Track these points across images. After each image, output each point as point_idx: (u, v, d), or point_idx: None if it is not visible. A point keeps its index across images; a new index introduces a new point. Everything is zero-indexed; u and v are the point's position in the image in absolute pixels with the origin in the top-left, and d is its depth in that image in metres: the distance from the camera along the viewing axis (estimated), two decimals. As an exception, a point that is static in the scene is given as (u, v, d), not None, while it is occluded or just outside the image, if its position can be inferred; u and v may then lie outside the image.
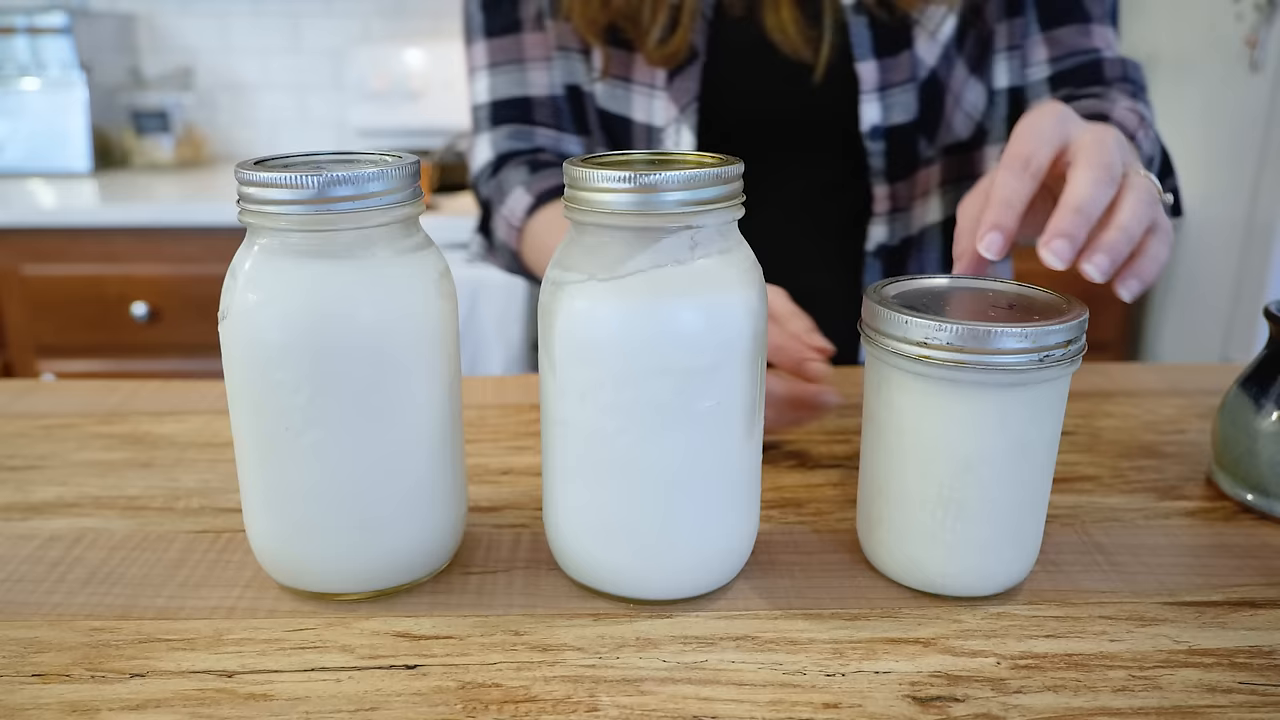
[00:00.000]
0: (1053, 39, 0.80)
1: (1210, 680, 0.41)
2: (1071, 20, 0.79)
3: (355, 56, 2.20)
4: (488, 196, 0.87)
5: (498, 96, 0.85)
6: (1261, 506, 0.55)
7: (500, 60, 0.85)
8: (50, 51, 2.02)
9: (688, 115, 0.79)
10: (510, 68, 0.85)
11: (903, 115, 0.79)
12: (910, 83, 0.78)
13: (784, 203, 0.85)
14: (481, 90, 0.86)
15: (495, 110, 0.86)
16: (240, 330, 0.43)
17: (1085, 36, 0.79)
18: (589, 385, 0.43)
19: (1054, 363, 0.42)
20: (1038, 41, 0.80)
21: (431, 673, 0.41)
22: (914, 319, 0.42)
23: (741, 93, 0.80)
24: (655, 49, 0.78)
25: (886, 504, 0.47)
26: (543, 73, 0.84)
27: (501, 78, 0.85)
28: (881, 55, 0.77)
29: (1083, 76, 0.79)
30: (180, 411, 0.70)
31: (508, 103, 0.85)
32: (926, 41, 0.78)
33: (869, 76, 0.77)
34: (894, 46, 0.77)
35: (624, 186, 0.40)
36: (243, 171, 0.42)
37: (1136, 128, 0.70)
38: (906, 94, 0.79)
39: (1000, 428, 0.43)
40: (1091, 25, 0.79)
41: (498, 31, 0.84)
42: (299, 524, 0.45)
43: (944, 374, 0.42)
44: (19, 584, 0.48)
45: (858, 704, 0.39)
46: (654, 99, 0.80)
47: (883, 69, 0.78)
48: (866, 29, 0.77)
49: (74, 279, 1.80)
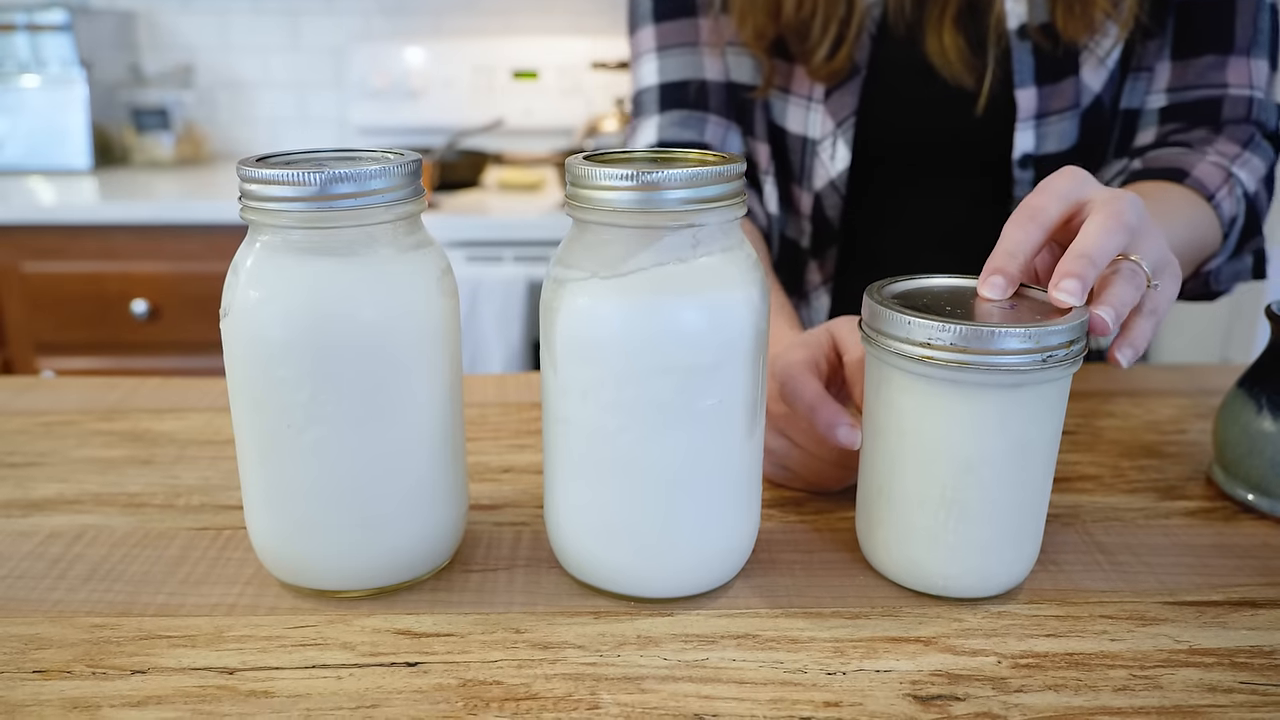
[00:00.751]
0: (1180, 67, 0.74)
1: (1211, 680, 0.41)
2: (1208, 50, 0.73)
3: (356, 54, 2.19)
4: None
5: (669, 79, 0.80)
6: (1262, 506, 0.55)
7: (672, 43, 0.81)
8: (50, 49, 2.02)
9: (844, 130, 0.78)
10: (683, 50, 0.80)
11: (1058, 144, 0.76)
12: (1072, 110, 0.75)
13: (927, 224, 0.83)
14: (649, 73, 0.82)
15: (665, 93, 0.81)
16: (242, 327, 0.43)
17: (1219, 69, 0.73)
18: (590, 383, 0.43)
19: (1056, 363, 0.42)
20: (1164, 68, 0.75)
21: (432, 670, 0.41)
22: (917, 319, 0.42)
23: (899, 111, 0.78)
24: (821, 65, 0.75)
25: (887, 505, 0.47)
26: (717, 60, 0.80)
27: (673, 60, 0.80)
28: (1043, 83, 0.74)
29: (1196, 114, 0.74)
30: (181, 409, 0.70)
31: (680, 85, 0.80)
32: (1094, 67, 0.74)
33: (1026, 104, 0.75)
34: (1057, 74, 0.74)
35: (626, 184, 0.40)
36: (245, 168, 0.42)
37: (1218, 187, 0.66)
38: (1065, 122, 0.75)
39: (1002, 428, 0.43)
40: (1230, 57, 0.73)
41: (670, 15, 0.80)
42: (300, 521, 0.45)
43: (946, 375, 0.42)
44: (20, 581, 0.48)
45: (858, 703, 0.39)
46: (811, 111, 0.79)
47: (1042, 96, 0.74)
48: (1029, 55, 0.73)
49: (74, 276, 1.80)
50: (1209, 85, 0.73)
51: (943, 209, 0.83)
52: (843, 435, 0.49)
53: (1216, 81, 0.73)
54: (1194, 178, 0.66)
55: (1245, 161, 0.71)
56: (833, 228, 0.82)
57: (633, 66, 0.85)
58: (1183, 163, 0.67)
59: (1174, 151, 0.70)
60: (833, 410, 0.50)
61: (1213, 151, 0.70)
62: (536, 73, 2.19)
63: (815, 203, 0.82)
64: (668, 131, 0.80)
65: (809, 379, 0.52)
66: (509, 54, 2.19)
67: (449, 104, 2.19)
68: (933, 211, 0.83)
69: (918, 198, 0.83)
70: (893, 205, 0.83)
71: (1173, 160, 0.68)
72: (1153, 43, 0.75)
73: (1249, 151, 0.72)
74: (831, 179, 0.79)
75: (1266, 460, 0.54)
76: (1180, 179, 0.66)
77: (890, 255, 0.83)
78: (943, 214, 0.83)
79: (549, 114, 2.20)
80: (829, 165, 0.79)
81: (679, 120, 0.80)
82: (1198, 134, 0.73)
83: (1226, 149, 0.71)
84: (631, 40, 0.84)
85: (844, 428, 0.49)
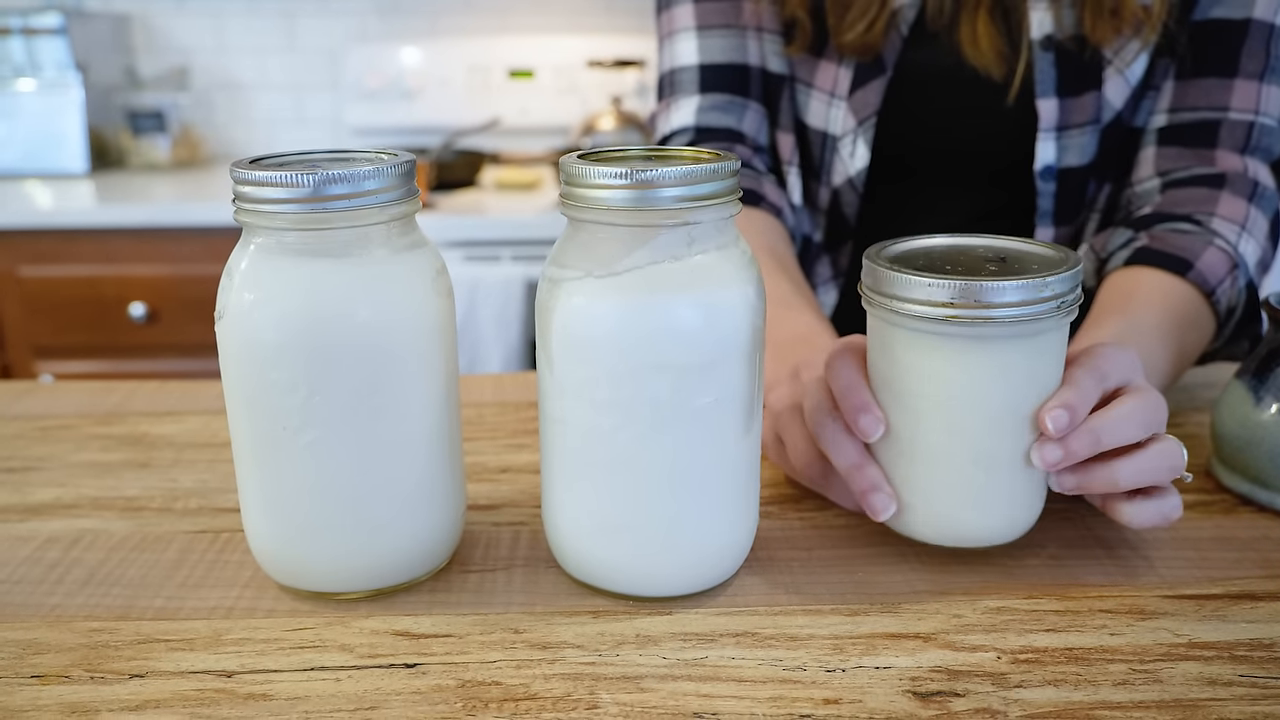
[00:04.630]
0: (1182, 88, 0.73)
1: (1211, 673, 0.41)
2: (1213, 72, 0.72)
3: (351, 55, 2.19)
4: None
5: (710, 60, 0.77)
6: (1261, 499, 0.55)
7: (715, 23, 0.77)
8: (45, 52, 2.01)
9: (865, 129, 0.77)
10: (726, 32, 0.77)
11: (1079, 158, 0.75)
12: (1093, 125, 0.74)
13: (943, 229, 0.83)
14: (688, 51, 0.78)
15: (706, 74, 0.77)
16: (237, 330, 0.43)
17: (1222, 92, 0.72)
18: (587, 382, 0.43)
19: (1067, 308, 0.44)
20: (1168, 88, 0.74)
21: (431, 671, 0.41)
22: (938, 281, 0.43)
23: (921, 115, 0.78)
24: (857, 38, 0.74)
25: (911, 466, 0.47)
26: (757, 44, 0.78)
27: (716, 41, 0.77)
28: (1064, 94, 0.74)
29: (1194, 136, 0.72)
30: (178, 412, 0.70)
31: (723, 68, 0.77)
32: (1116, 82, 0.74)
33: (1048, 115, 0.74)
34: (1079, 86, 0.74)
35: (620, 182, 0.40)
36: (238, 170, 0.42)
37: (1220, 280, 0.65)
38: (1086, 136, 0.75)
39: (1028, 378, 0.45)
40: (1235, 80, 0.71)
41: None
42: (297, 524, 0.45)
43: (971, 331, 0.43)
44: (17, 585, 0.48)
45: (858, 699, 0.39)
46: (833, 107, 0.78)
47: (1064, 109, 0.74)
48: (1052, 67, 0.73)
49: (71, 280, 1.79)
50: (1209, 107, 0.72)
51: (959, 214, 0.83)
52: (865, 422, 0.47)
53: (1218, 104, 0.72)
54: (1198, 271, 0.65)
55: (1252, 226, 0.69)
56: (849, 225, 0.82)
57: (664, 45, 0.82)
58: (1188, 251, 0.66)
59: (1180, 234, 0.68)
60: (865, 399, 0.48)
61: (1219, 221, 0.68)
62: (532, 72, 2.19)
63: (832, 199, 0.82)
64: (706, 115, 0.78)
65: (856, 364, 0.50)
66: (505, 53, 2.19)
67: (445, 104, 2.19)
68: (949, 216, 0.83)
69: (936, 201, 0.83)
70: (910, 207, 0.83)
71: (1178, 247, 0.66)
72: (1164, 62, 0.74)
73: (1253, 207, 0.70)
74: (850, 177, 0.79)
75: (1265, 452, 0.54)
76: (1184, 271, 0.65)
77: None
78: (959, 219, 0.82)
79: (545, 113, 2.19)
80: (848, 163, 0.79)
81: (720, 104, 0.78)
82: (1199, 194, 0.70)
83: (1231, 211, 0.69)
84: (663, 17, 0.81)
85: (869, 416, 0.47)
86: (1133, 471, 0.46)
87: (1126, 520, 0.47)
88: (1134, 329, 0.60)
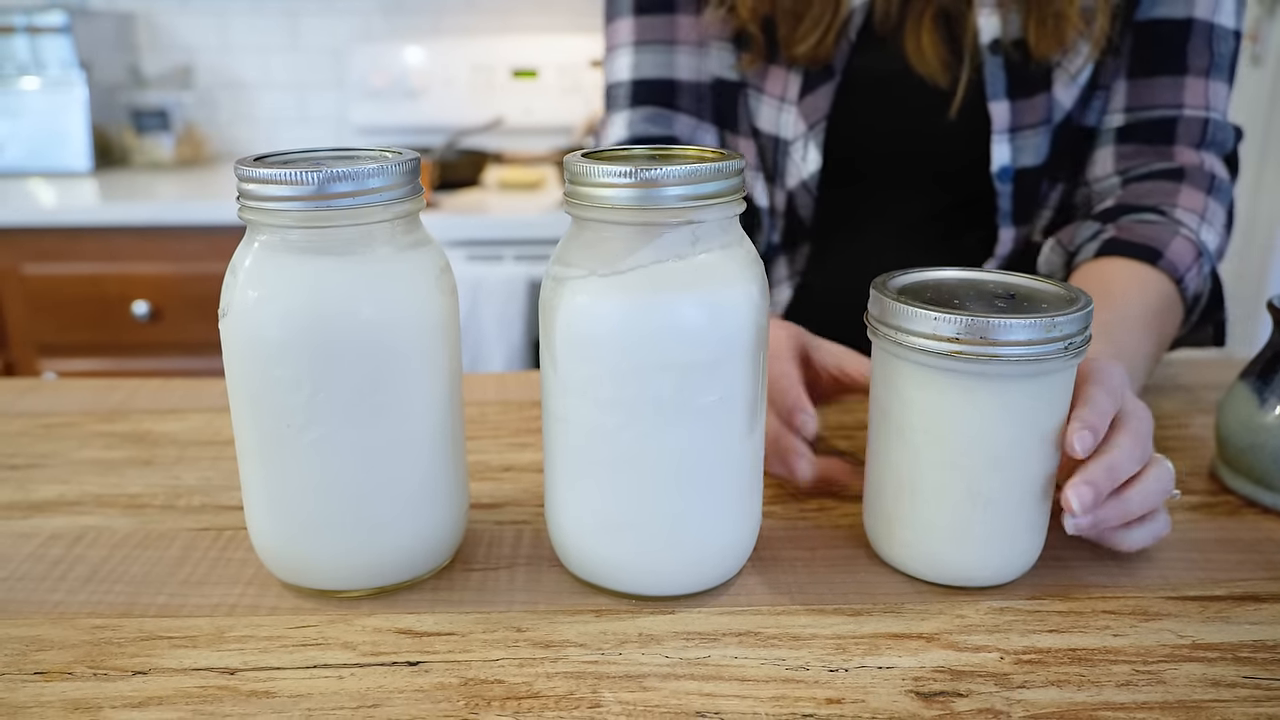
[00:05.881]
0: (1136, 87, 0.75)
1: (1214, 675, 0.41)
2: (1164, 71, 0.74)
3: (355, 54, 2.19)
4: None
5: (642, 75, 0.81)
6: (1265, 501, 0.55)
7: (649, 39, 0.81)
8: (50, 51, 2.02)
9: (816, 133, 0.78)
10: (659, 47, 0.81)
11: (1033, 158, 0.77)
12: (1044, 125, 0.76)
13: (899, 230, 0.84)
14: (623, 67, 0.82)
15: (637, 89, 0.82)
16: (241, 327, 0.43)
17: (1174, 90, 0.74)
18: (590, 381, 0.43)
19: (1075, 350, 0.43)
20: (1121, 87, 0.76)
21: (434, 669, 0.41)
22: (943, 315, 0.42)
23: (872, 118, 0.79)
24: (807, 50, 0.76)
25: (908, 501, 0.46)
26: (692, 58, 0.81)
27: (648, 56, 0.81)
28: (1015, 97, 0.75)
29: (1152, 133, 0.75)
30: (181, 410, 0.70)
31: (652, 83, 0.81)
32: (1065, 84, 0.75)
33: (1000, 117, 0.75)
34: (1029, 88, 0.75)
35: (625, 181, 0.40)
36: (243, 168, 0.42)
37: (1188, 267, 0.67)
38: (1039, 137, 0.76)
39: (1029, 419, 0.44)
40: (1186, 78, 0.74)
41: (649, 9, 0.81)
42: (300, 521, 0.45)
43: (973, 368, 0.43)
44: (21, 582, 0.48)
45: (861, 699, 0.39)
46: (783, 112, 0.79)
47: (1015, 110, 0.75)
48: (1001, 70, 0.74)
49: (75, 278, 1.80)
50: (1165, 105, 0.74)
51: (913, 216, 0.83)
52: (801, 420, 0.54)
53: (1172, 102, 0.74)
54: (1167, 259, 0.67)
55: (1211, 216, 0.72)
56: (804, 226, 0.83)
57: (607, 57, 0.85)
58: (1157, 240, 0.68)
59: (1147, 225, 0.70)
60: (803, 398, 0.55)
61: (1181, 211, 0.70)
62: (536, 71, 2.19)
63: (788, 201, 0.83)
64: (637, 127, 0.82)
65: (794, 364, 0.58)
66: (508, 53, 2.19)
67: (449, 103, 2.19)
68: (903, 218, 0.84)
69: (889, 203, 0.83)
70: (864, 210, 0.84)
71: (1146, 237, 0.68)
72: (1112, 61, 0.76)
73: (1211, 199, 0.72)
74: (803, 180, 0.80)
75: (1269, 454, 0.54)
76: (1154, 259, 0.67)
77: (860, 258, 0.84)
78: (913, 221, 0.83)
79: (549, 112, 2.19)
80: (800, 167, 0.80)
81: (649, 117, 0.82)
82: (1162, 186, 0.73)
83: (1192, 202, 0.71)
84: (608, 29, 0.85)
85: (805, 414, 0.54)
86: (1140, 502, 0.46)
87: (1126, 547, 0.48)
88: (1120, 320, 0.61)
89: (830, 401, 0.67)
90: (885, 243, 0.84)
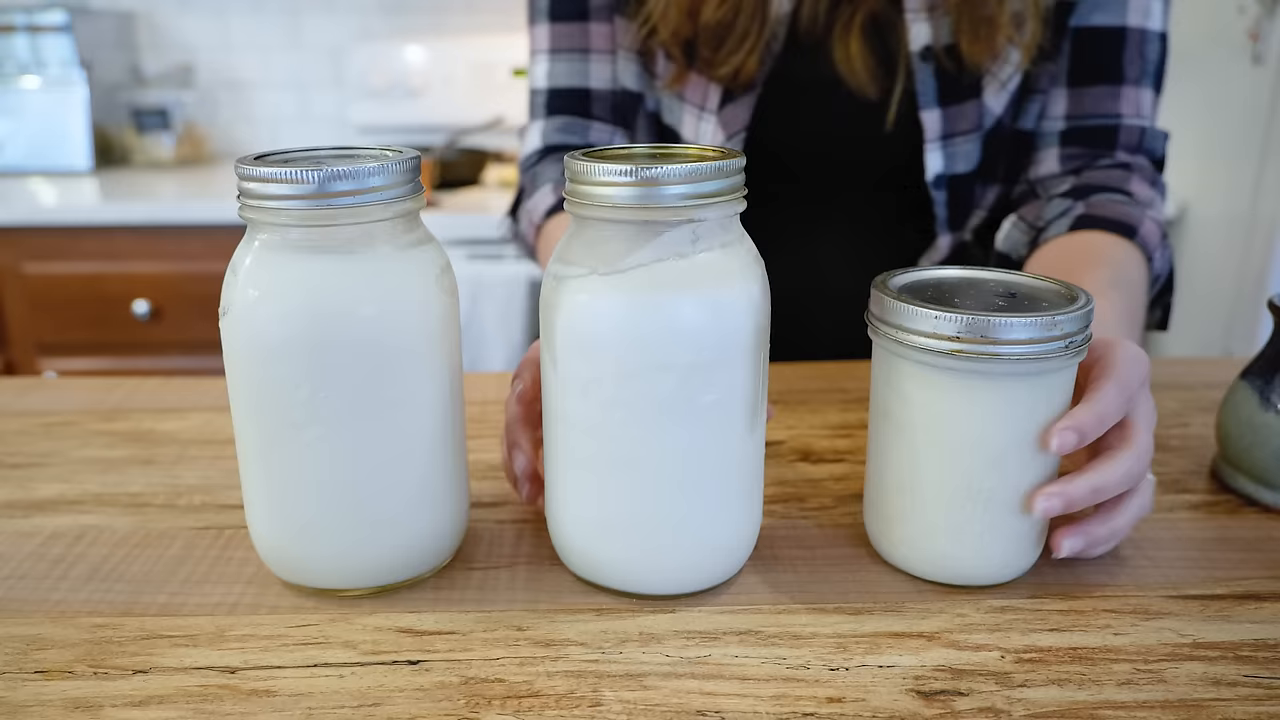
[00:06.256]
0: (1077, 96, 0.77)
1: (1215, 674, 0.41)
2: (1102, 80, 0.76)
3: (355, 53, 2.19)
4: (523, 185, 0.85)
5: (556, 84, 0.82)
6: (1266, 499, 0.55)
7: (563, 47, 0.82)
8: (50, 50, 2.02)
9: (735, 143, 0.78)
10: (573, 56, 0.82)
11: (965, 165, 0.78)
12: (975, 132, 0.76)
13: (830, 238, 0.84)
14: (540, 75, 0.83)
15: (552, 99, 0.83)
16: (241, 326, 0.43)
17: (1112, 99, 0.76)
18: (591, 380, 0.43)
19: (1076, 348, 0.43)
20: (1061, 95, 0.78)
21: (434, 668, 0.41)
22: (944, 314, 0.42)
23: (797, 126, 0.79)
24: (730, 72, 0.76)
25: (909, 500, 0.46)
26: (606, 66, 0.82)
27: (562, 65, 0.82)
28: (946, 104, 0.75)
29: (1095, 138, 0.77)
30: (182, 409, 0.70)
31: (566, 92, 0.82)
32: (996, 91, 0.76)
33: (932, 125, 0.76)
34: (960, 95, 0.75)
35: (625, 180, 0.40)
36: (243, 166, 0.42)
37: (1157, 246, 0.69)
38: (970, 143, 0.77)
39: (1029, 416, 0.44)
40: (1123, 88, 0.76)
41: (564, 17, 0.81)
42: (301, 520, 0.45)
43: (975, 367, 0.42)
44: (21, 581, 0.48)
45: (861, 698, 0.39)
46: (703, 121, 0.79)
47: (947, 118, 0.76)
48: (932, 78, 0.75)
49: (75, 277, 1.80)
50: (1105, 114, 0.77)
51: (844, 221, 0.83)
52: (517, 463, 0.51)
53: (1111, 111, 0.77)
54: (1141, 236, 0.68)
55: (1156, 208, 0.74)
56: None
57: (530, 61, 0.86)
58: (1131, 218, 0.69)
59: (1117, 203, 0.71)
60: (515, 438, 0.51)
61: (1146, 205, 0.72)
62: (536, 70, 2.19)
63: None
64: (551, 137, 0.83)
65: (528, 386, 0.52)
66: (508, 52, 2.19)
67: (449, 102, 2.18)
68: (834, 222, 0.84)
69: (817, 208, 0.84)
70: (794, 215, 0.84)
71: (1121, 214, 0.70)
72: (1049, 66, 0.77)
73: (1155, 193, 0.75)
74: None
75: (1270, 453, 0.54)
76: (1131, 235, 0.68)
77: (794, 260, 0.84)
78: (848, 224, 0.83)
79: (549, 111, 2.19)
80: None
81: (563, 126, 0.83)
82: (1116, 174, 0.75)
83: (1143, 191, 0.74)
84: (530, 32, 0.85)
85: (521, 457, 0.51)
86: (1126, 524, 0.47)
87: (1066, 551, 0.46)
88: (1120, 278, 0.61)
89: None
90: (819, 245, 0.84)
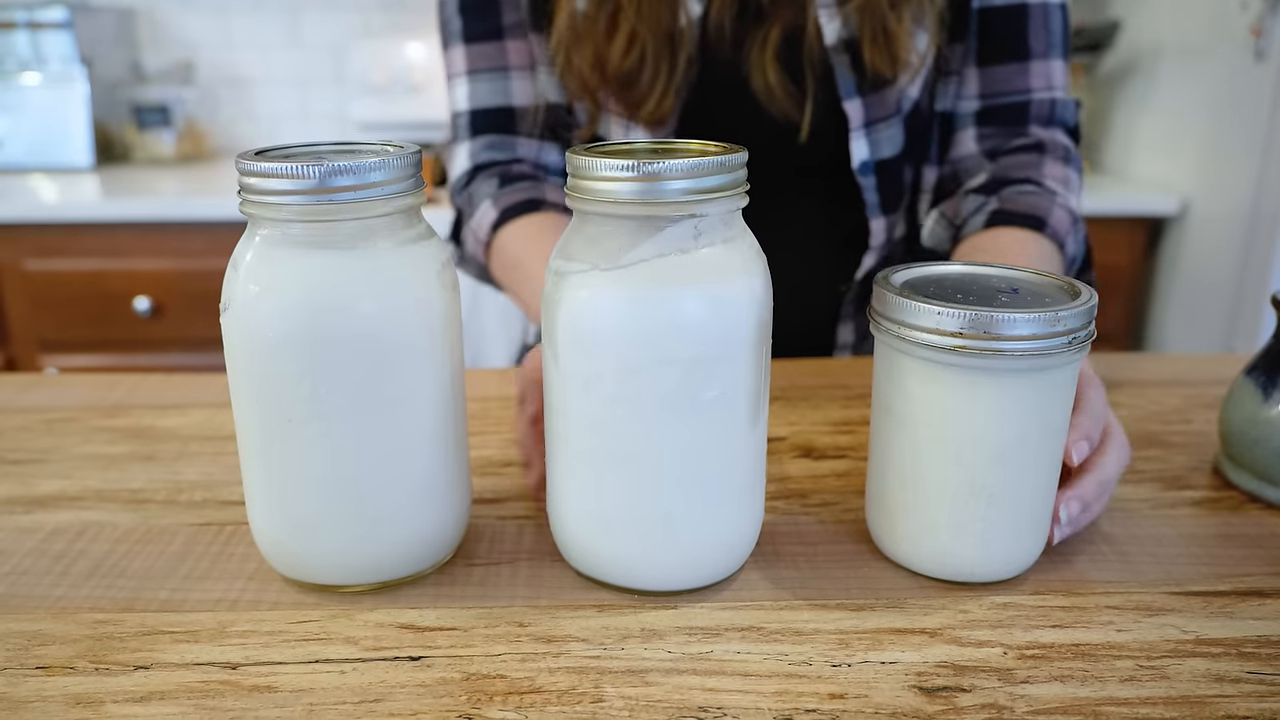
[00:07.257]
0: (987, 75, 0.80)
1: (1218, 670, 0.41)
2: (1010, 58, 0.79)
3: (356, 50, 2.19)
4: (459, 207, 0.85)
5: (478, 105, 0.83)
6: (1269, 496, 0.55)
7: (481, 67, 0.82)
8: (51, 46, 2.02)
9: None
10: (492, 75, 0.82)
11: (890, 149, 0.79)
12: (896, 116, 0.79)
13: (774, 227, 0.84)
14: (461, 98, 0.84)
15: (475, 119, 0.83)
16: (242, 322, 0.42)
17: (1021, 75, 0.79)
18: (592, 375, 0.43)
19: (1079, 344, 0.43)
20: (973, 74, 0.81)
21: (436, 664, 0.41)
22: (948, 309, 0.42)
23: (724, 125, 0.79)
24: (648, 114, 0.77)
25: (911, 496, 0.46)
26: (526, 81, 0.82)
27: (484, 85, 0.83)
28: (866, 93, 0.77)
29: (1008, 116, 0.81)
30: (183, 405, 0.70)
31: (489, 112, 0.83)
32: (910, 76, 0.78)
33: (855, 114, 0.77)
34: (878, 84, 0.77)
35: (627, 175, 0.40)
36: (244, 162, 0.41)
37: (1067, 232, 0.72)
38: (892, 129, 0.79)
39: (1034, 412, 0.44)
40: (1030, 63, 0.79)
41: (478, 37, 0.82)
42: (302, 516, 0.45)
43: (979, 363, 0.42)
44: (23, 577, 0.48)
45: (864, 694, 0.39)
46: (631, 132, 0.80)
47: (868, 106, 0.78)
48: (849, 69, 0.76)
49: (76, 274, 1.80)
50: (1014, 91, 0.80)
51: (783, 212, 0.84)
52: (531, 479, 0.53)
53: (1020, 88, 0.80)
54: (1051, 227, 0.72)
55: (1072, 185, 0.77)
56: None
57: (448, 86, 0.86)
58: (1040, 209, 0.72)
59: (1027, 195, 0.74)
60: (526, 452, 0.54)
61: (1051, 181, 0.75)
62: (537, 67, 2.19)
63: None
64: (479, 156, 0.83)
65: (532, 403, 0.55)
66: (510, 48, 2.19)
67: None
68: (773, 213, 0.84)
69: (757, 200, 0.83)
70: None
71: (1030, 207, 0.73)
72: (959, 47, 0.80)
73: (1070, 169, 0.78)
74: None
75: (1273, 450, 0.54)
76: (1040, 228, 0.71)
77: None
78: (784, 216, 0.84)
79: (550, 108, 2.19)
80: None
81: (489, 145, 0.83)
82: (1028, 159, 0.78)
83: (1055, 173, 0.76)
84: (445, 56, 0.85)
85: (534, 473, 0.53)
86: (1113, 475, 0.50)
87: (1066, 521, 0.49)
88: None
89: None
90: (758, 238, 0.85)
